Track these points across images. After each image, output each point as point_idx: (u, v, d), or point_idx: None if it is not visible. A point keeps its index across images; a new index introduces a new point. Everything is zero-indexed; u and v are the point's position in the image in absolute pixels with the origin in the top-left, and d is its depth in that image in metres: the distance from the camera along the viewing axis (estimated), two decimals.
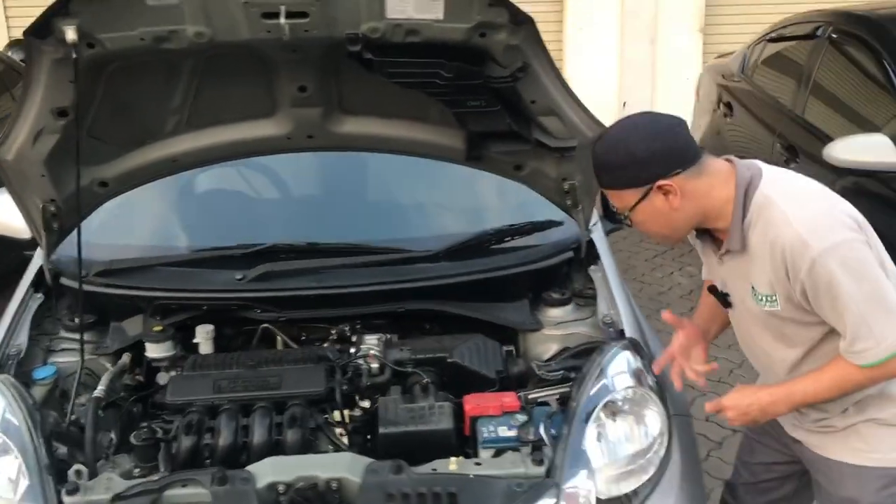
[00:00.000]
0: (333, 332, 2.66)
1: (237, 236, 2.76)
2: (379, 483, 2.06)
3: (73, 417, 2.38)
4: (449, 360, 2.47)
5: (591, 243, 2.83)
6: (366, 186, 3.06)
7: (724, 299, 2.21)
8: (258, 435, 2.24)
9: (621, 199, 2.03)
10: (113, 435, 2.33)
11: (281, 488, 2.08)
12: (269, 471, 2.10)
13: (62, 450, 2.26)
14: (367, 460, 2.14)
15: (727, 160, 2.05)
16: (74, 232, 2.66)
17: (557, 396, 2.43)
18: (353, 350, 2.49)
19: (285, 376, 2.37)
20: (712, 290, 2.23)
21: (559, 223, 2.86)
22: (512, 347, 2.69)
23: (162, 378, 2.56)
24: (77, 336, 2.60)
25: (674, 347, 2.31)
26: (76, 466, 2.16)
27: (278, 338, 2.67)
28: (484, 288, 2.66)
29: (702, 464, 2.62)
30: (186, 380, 2.39)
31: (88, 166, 2.54)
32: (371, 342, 2.53)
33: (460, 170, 2.90)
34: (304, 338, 2.70)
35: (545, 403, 2.41)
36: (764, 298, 2.03)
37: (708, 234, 2.13)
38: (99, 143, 2.49)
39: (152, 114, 2.48)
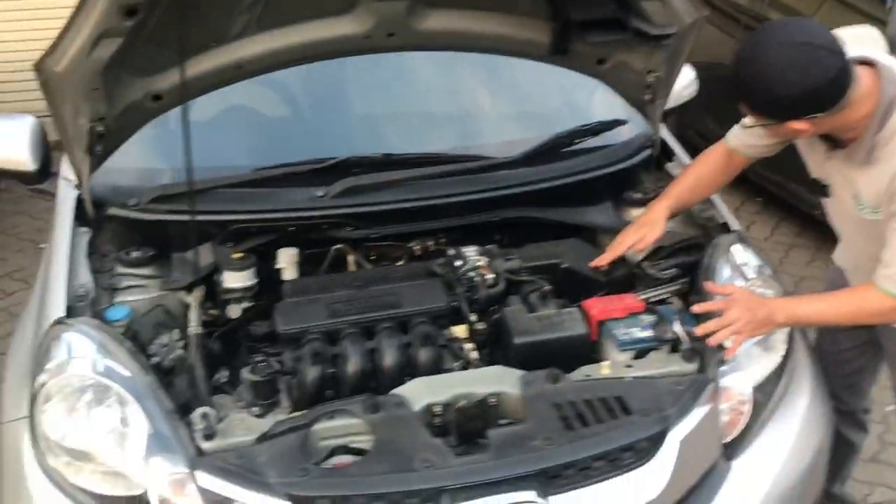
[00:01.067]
0: (417, 248, 2.49)
1: (303, 151, 2.51)
2: (541, 394, 1.95)
3: (156, 360, 2.13)
4: (563, 266, 2.36)
5: (662, 141, 2.75)
6: (434, 93, 2.83)
7: (823, 190, 2.20)
8: (389, 357, 2.07)
9: (750, 112, 2.00)
10: (224, 372, 2.11)
11: (438, 409, 1.94)
12: (422, 392, 1.95)
13: None
14: (518, 372, 2.02)
15: (871, 65, 1.97)
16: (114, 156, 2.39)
17: (670, 295, 2.37)
18: (458, 263, 2.33)
19: (402, 294, 2.20)
20: (813, 181, 2.23)
21: (625, 122, 2.76)
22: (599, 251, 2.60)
23: (233, 311, 2.33)
24: (140, 271, 2.33)
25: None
26: (202, 409, 1.93)
27: (349, 260, 2.47)
28: (568, 192, 2.54)
29: None
30: (297, 306, 2.17)
31: (141, 77, 2.24)
32: (471, 254, 2.38)
33: (522, 70, 2.76)
34: (373, 258, 2.52)
35: (662, 302, 2.35)
36: (867, 208, 2.04)
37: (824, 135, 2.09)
38: (156, 50, 2.18)
39: (220, 13, 2.19)
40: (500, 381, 1.99)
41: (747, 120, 2.13)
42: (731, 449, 2.06)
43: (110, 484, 1.87)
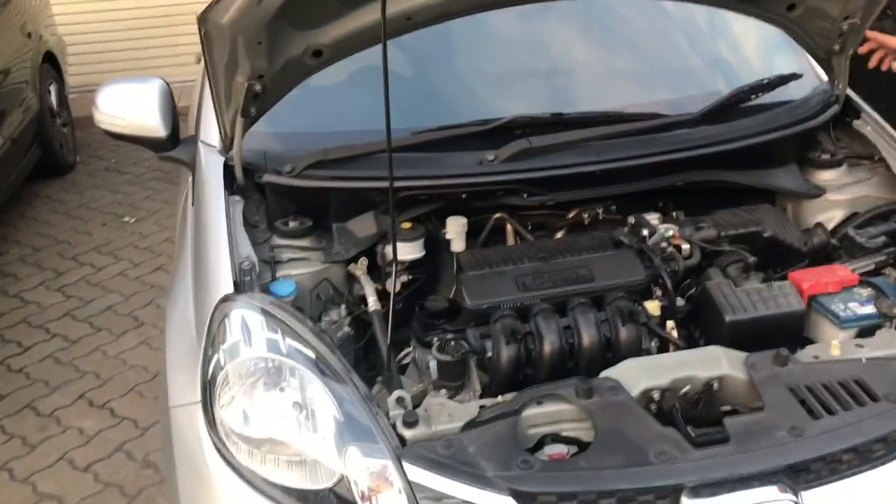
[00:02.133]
0: (585, 215, 2.28)
1: (464, 113, 2.31)
2: (772, 377, 1.74)
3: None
4: (765, 235, 2.14)
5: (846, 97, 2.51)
6: (601, 47, 2.60)
7: None
8: (587, 336, 1.88)
9: None
10: (407, 350, 1.94)
11: (655, 395, 1.74)
12: (639, 376, 1.76)
13: None
14: (740, 354, 1.81)
15: None
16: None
17: (876, 266, 2.15)
18: (646, 232, 2.12)
19: (595, 266, 2.00)
20: None
21: (800, 75, 2.52)
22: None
23: (391, 284, 2.14)
24: (300, 243, 2.15)
25: None
26: (398, 393, 1.76)
27: (509, 229, 2.27)
28: (752, 153, 2.31)
29: None
30: (482, 279, 1.98)
31: (304, 31, 2.04)
32: (654, 222, 2.17)
33: (689, 23, 2.53)
34: (529, 227, 2.31)
35: (873, 274, 2.12)
36: None
37: None
38: (318, 3, 1.98)
39: None
40: (721, 363, 1.79)
41: None
42: None
43: (298, 474, 1.70)
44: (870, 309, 1.97)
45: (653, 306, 2.00)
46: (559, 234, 2.30)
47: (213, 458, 1.75)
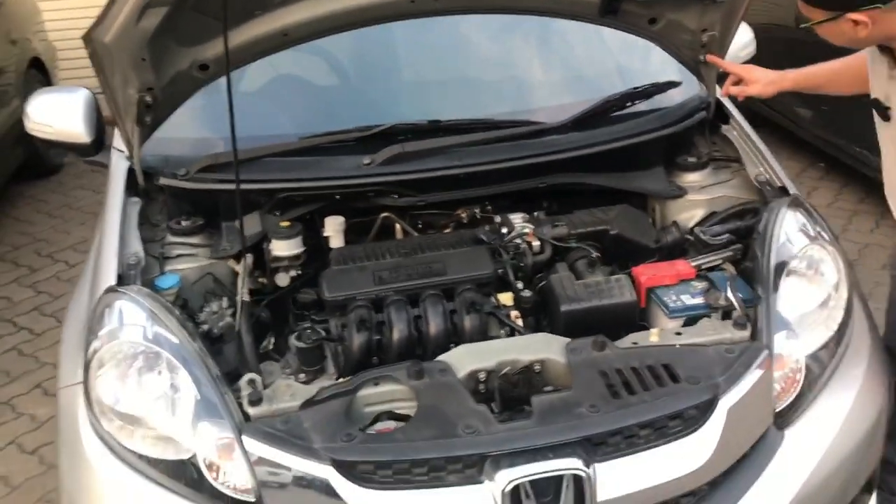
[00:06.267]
0: (463, 215, 2.47)
1: (347, 119, 2.50)
2: (587, 361, 1.92)
3: (206, 328, 2.16)
4: (612, 233, 2.31)
5: (717, 103, 2.68)
6: (478, 57, 2.80)
7: (883, 112, 2.18)
8: (434, 324, 2.06)
9: (807, 10, 2.01)
10: (270, 339, 2.13)
11: (482, 376, 1.93)
12: (467, 359, 1.94)
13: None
14: (564, 340, 1.99)
15: None
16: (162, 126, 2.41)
17: (723, 261, 2.32)
18: (505, 230, 2.31)
19: (448, 261, 2.19)
20: (874, 102, 2.21)
21: (678, 83, 2.69)
22: (648, 217, 2.55)
23: (282, 279, 2.34)
24: (190, 240, 2.36)
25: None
26: (249, 375, 1.96)
27: (397, 228, 2.47)
28: (618, 157, 2.49)
29: None
30: (343, 274, 2.18)
31: (188, 47, 2.25)
32: (517, 221, 2.35)
33: (571, 33, 2.71)
34: (420, 225, 2.51)
35: (715, 269, 2.29)
36: None
37: (886, 49, 2.08)
38: (202, 19, 2.18)
39: None
40: (544, 348, 1.97)
41: (803, 12, 2.07)
42: (784, 418, 2.00)
43: (160, 448, 1.90)
44: (699, 300, 2.14)
45: (506, 297, 2.20)
46: (447, 231, 2.50)
47: (87, 432, 1.96)
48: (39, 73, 6.25)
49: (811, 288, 2.17)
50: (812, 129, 4.90)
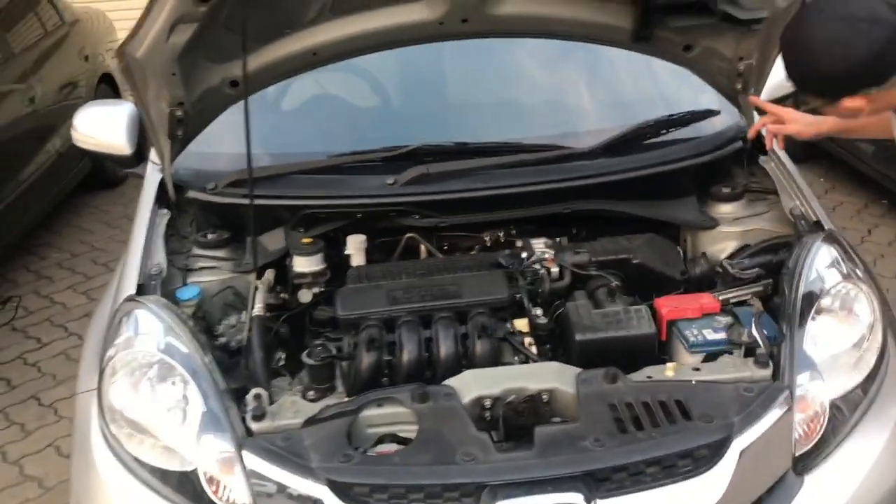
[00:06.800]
0: (487, 238, 2.44)
1: (375, 139, 2.51)
2: (597, 393, 1.87)
3: (223, 340, 2.18)
4: (634, 262, 2.26)
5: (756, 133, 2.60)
6: (510, 79, 2.79)
7: None
8: (444, 347, 2.03)
9: (804, 95, 1.95)
10: (280, 355, 2.14)
11: (487, 403, 1.89)
12: (473, 385, 1.91)
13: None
14: (575, 369, 1.95)
15: None
16: (197, 140, 2.45)
17: (751, 296, 2.24)
18: (525, 255, 2.27)
19: (464, 284, 2.16)
20: None
21: (716, 112, 2.62)
22: (679, 248, 2.49)
23: (304, 295, 2.34)
24: (215, 253, 2.39)
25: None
26: (256, 390, 1.96)
27: (422, 248, 2.45)
28: (648, 185, 2.43)
29: None
30: (357, 292, 2.17)
31: (218, 63, 2.29)
32: (539, 246, 2.32)
33: (608, 59, 2.67)
34: (445, 247, 2.49)
35: (742, 303, 2.22)
36: None
37: None
38: (232, 37, 2.22)
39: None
40: (554, 377, 1.92)
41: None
42: (804, 462, 1.91)
43: (167, 458, 1.92)
44: (721, 336, 2.07)
45: (521, 324, 2.16)
46: (471, 254, 2.47)
47: (97, 437, 1.99)
48: (109, 88, 6.46)
49: (842, 328, 2.08)
50: (875, 165, 4.73)
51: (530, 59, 2.74)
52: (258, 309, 2.18)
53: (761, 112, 2.48)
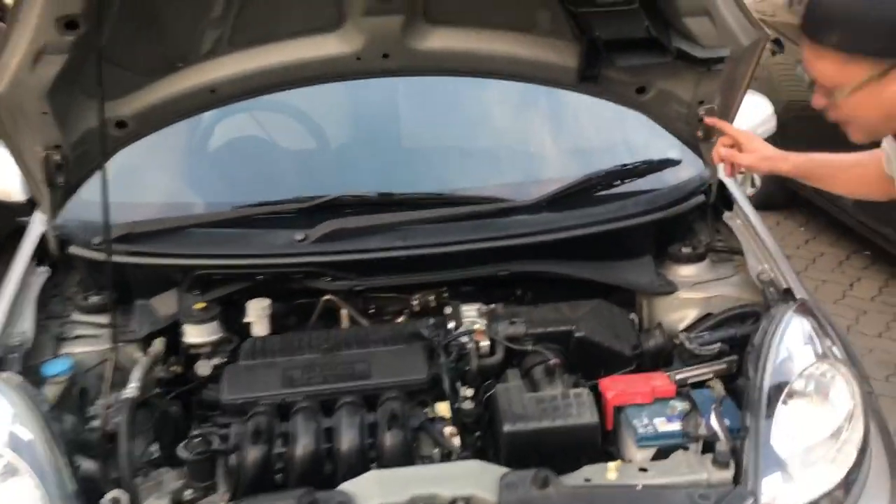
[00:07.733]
0: (415, 302, 2.13)
1: (288, 189, 2.21)
2: (522, 502, 1.55)
3: (96, 424, 1.85)
4: (577, 335, 1.95)
5: (720, 185, 2.32)
6: (449, 123, 2.48)
7: None
8: (347, 440, 1.71)
9: (840, 71, 1.48)
10: (153, 446, 1.81)
11: None
12: (375, 490, 1.59)
13: (86, 464, 1.74)
14: (500, 470, 1.63)
15: None
16: (84, 189, 2.14)
17: (712, 376, 1.93)
18: (451, 325, 1.96)
19: (374, 361, 1.85)
20: None
21: (677, 161, 2.33)
22: (633, 315, 2.18)
23: (202, 367, 2.02)
24: (96, 319, 2.06)
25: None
26: (112, 493, 1.62)
27: (343, 313, 2.14)
28: (599, 243, 2.13)
29: None
30: (247, 371, 1.85)
31: (99, 101, 1.98)
32: (470, 314, 2.00)
33: (563, 101, 2.38)
34: (371, 311, 2.17)
35: (701, 385, 1.91)
36: None
37: None
38: (115, 70, 1.92)
39: (185, 28, 1.92)
40: (472, 481, 1.60)
41: (827, 78, 1.54)
42: None
43: None
44: (675, 426, 1.75)
45: (444, 408, 1.84)
46: (400, 319, 2.16)
47: None
48: None
49: (817, 416, 1.78)
50: (856, 216, 4.47)
51: (472, 100, 2.45)
52: (132, 389, 1.85)
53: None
